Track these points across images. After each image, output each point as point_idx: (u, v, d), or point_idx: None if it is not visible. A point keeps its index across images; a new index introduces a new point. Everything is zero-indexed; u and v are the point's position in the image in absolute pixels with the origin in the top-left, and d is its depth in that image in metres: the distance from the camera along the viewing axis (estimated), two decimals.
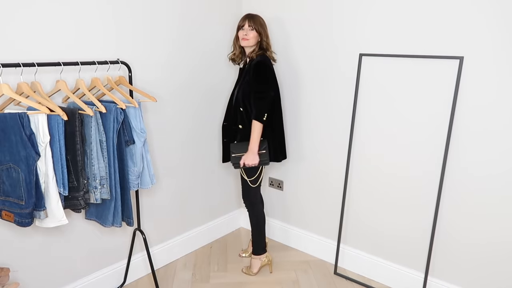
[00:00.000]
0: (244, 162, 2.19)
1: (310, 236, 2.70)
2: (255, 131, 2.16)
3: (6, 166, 1.55)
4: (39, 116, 1.52)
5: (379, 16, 2.11)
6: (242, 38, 2.20)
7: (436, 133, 2.03)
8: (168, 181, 2.47)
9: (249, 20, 2.19)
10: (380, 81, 2.17)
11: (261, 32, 2.21)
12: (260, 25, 2.20)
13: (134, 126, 1.88)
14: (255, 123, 2.14)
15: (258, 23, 2.19)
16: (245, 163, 2.19)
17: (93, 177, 1.74)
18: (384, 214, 2.31)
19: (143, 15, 2.11)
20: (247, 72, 2.21)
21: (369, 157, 2.30)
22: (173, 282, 2.39)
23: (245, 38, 2.19)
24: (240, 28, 2.22)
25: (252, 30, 2.18)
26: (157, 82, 2.25)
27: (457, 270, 2.10)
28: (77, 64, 1.73)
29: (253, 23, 2.18)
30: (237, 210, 3.07)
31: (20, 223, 1.57)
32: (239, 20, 2.24)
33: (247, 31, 2.18)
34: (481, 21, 1.81)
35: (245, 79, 2.22)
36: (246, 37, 2.18)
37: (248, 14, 2.22)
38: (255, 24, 2.18)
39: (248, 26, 2.18)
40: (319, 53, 2.38)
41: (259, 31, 2.20)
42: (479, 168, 1.93)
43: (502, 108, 1.82)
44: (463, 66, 1.88)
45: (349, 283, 2.41)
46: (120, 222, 1.87)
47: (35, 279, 1.91)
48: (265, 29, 2.24)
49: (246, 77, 2.21)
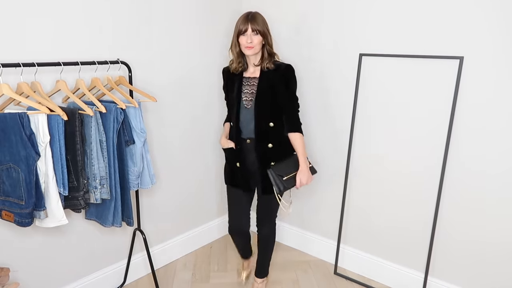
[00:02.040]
0: (301, 183, 1.96)
1: (310, 236, 2.70)
2: (301, 145, 1.96)
3: (6, 166, 1.55)
4: (39, 116, 1.52)
5: (379, 16, 2.11)
6: (247, 46, 1.86)
7: (436, 133, 2.03)
8: (168, 181, 2.47)
9: (251, 22, 1.85)
10: (380, 81, 2.17)
11: (266, 34, 1.89)
12: (263, 26, 1.89)
13: (134, 126, 1.88)
14: (298, 136, 1.95)
15: (261, 24, 1.87)
16: (301, 184, 1.96)
17: (93, 177, 1.74)
18: (384, 214, 2.31)
19: (143, 14, 2.11)
20: (265, 83, 1.92)
21: (369, 157, 2.30)
22: (173, 282, 2.39)
23: (250, 46, 1.86)
24: (241, 33, 1.87)
25: (256, 35, 1.86)
26: (157, 82, 2.25)
27: (457, 270, 2.10)
28: (77, 64, 1.73)
29: (256, 25, 1.85)
30: None
31: (20, 223, 1.57)
32: (237, 21, 1.89)
33: (250, 36, 1.85)
34: (481, 21, 1.81)
35: (263, 91, 1.92)
36: (251, 44, 1.85)
37: (248, 15, 1.88)
38: (259, 25, 1.86)
39: (252, 31, 1.85)
40: (319, 53, 2.38)
41: (264, 34, 1.88)
42: (479, 168, 1.93)
43: (501, 107, 1.82)
44: (463, 66, 1.89)
45: (349, 283, 2.41)
46: (120, 222, 1.87)
47: (35, 279, 1.91)
48: (269, 30, 1.93)
49: (268, 89, 1.92)
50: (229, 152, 2.07)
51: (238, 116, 1.98)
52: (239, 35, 1.89)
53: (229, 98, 2.06)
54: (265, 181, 1.98)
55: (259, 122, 1.94)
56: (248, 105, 1.96)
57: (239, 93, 1.98)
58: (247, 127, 1.97)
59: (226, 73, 2.07)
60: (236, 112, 1.98)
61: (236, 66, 1.97)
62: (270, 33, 1.94)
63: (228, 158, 2.11)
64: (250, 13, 1.89)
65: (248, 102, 1.96)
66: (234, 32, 1.91)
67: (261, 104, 1.93)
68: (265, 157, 1.97)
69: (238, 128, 1.99)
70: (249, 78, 1.98)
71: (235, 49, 1.94)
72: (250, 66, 1.98)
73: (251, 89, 1.96)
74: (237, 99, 1.98)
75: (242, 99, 1.97)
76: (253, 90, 1.95)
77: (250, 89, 1.96)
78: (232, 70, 2.00)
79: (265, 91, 1.93)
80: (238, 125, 1.98)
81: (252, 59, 1.95)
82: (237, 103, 1.97)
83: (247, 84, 1.97)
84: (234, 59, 1.98)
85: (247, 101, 1.96)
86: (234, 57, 1.98)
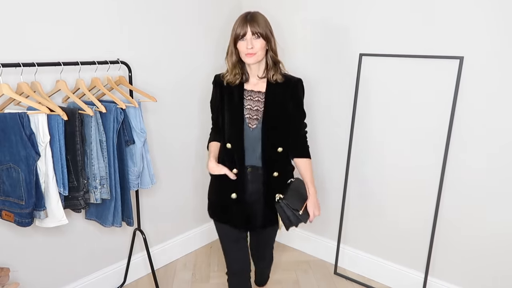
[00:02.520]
0: (314, 215, 1.70)
1: (310, 236, 2.70)
2: (310, 171, 1.72)
3: (6, 166, 1.55)
4: (39, 116, 1.52)
5: (380, 16, 2.11)
6: (247, 53, 1.54)
7: (436, 133, 2.03)
8: (168, 181, 2.47)
9: (251, 24, 1.53)
10: (380, 81, 2.17)
11: (270, 38, 1.58)
12: (266, 27, 1.57)
13: (134, 126, 1.88)
14: (307, 162, 1.73)
15: (263, 25, 1.56)
16: (314, 216, 1.71)
17: (93, 177, 1.74)
18: (384, 214, 2.31)
19: (143, 14, 2.11)
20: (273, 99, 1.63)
21: (369, 157, 2.30)
22: (173, 282, 2.39)
23: (250, 53, 1.54)
24: (239, 38, 1.56)
25: (258, 38, 1.54)
26: (157, 82, 2.25)
27: (457, 270, 2.10)
28: (77, 64, 1.73)
29: (257, 27, 1.53)
30: None
31: (20, 223, 1.57)
32: (234, 24, 1.58)
33: (251, 41, 1.53)
34: (481, 21, 1.81)
35: (272, 109, 1.63)
36: (252, 50, 1.53)
37: (246, 15, 1.56)
38: (260, 27, 1.54)
39: (252, 34, 1.53)
40: (319, 53, 2.38)
41: (267, 37, 1.56)
42: (479, 167, 1.93)
43: (501, 107, 1.82)
44: (463, 66, 1.89)
45: (349, 283, 2.41)
46: (120, 222, 1.87)
47: (35, 279, 1.91)
48: (272, 32, 1.60)
49: (277, 107, 1.63)
50: (222, 180, 1.68)
51: (242, 139, 1.63)
52: (236, 41, 1.57)
53: (227, 115, 1.67)
54: (269, 213, 1.70)
55: (267, 147, 1.64)
56: (252, 125, 1.63)
57: (241, 110, 1.63)
58: (252, 152, 1.65)
59: (219, 84, 1.69)
60: (239, 134, 1.63)
61: (231, 78, 1.63)
62: (274, 37, 1.62)
63: (218, 187, 1.75)
64: (249, 13, 1.58)
65: (253, 121, 1.63)
66: (231, 37, 1.59)
67: (270, 125, 1.62)
68: (270, 187, 1.68)
69: (240, 153, 1.64)
70: (252, 91, 1.65)
71: (231, 59, 1.62)
72: (252, 77, 1.66)
73: (255, 105, 1.63)
74: (239, 117, 1.63)
75: (245, 118, 1.64)
76: (257, 107, 1.63)
77: (254, 106, 1.63)
78: (226, 82, 1.66)
79: (275, 109, 1.63)
80: (241, 150, 1.64)
81: (254, 69, 1.63)
82: (240, 122, 1.63)
83: (249, 99, 1.64)
84: (229, 70, 1.64)
85: (250, 119, 1.63)
86: (229, 68, 1.64)
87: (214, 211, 1.79)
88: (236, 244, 1.80)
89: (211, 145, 1.79)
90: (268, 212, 1.70)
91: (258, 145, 1.64)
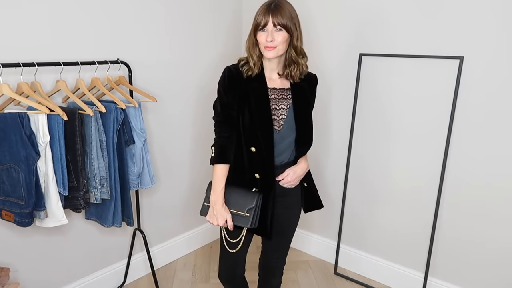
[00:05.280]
0: (287, 180, 1.52)
1: (310, 236, 2.70)
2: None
3: (6, 166, 1.55)
4: (39, 116, 1.52)
5: (380, 16, 2.11)
6: (266, 46, 1.37)
7: (436, 133, 2.03)
8: (168, 181, 2.47)
9: (273, 14, 1.34)
10: (380, 81, 2.17)
11: (293, 31, 1.38)
12: (291, 19, 1.36)
13: (134, 126, 1.88)
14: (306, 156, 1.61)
15: (288, 16, 1.35)
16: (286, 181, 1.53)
17: (93, 177, 1.74)
18: (384, 214, 2.31)
19: (143, 14, 2.11)
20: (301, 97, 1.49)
21: (369, 157, 2.30)
22: (173, 282, 2.39)
23: (270, 46, 1.36)
24: (259, 28, 1.38)
25: (280, 31, 1.36)
26: (157, 82, 2.25)
27: (457, 270, 2.10)
28: (77, 64, 1.73)
29: (281, 18, 1.34)
30: None
31: (20, 223, 1.57)
32: (257, 11, 1.39)
33: (271, 33, 1.35)
34: (481, 21, 1.81)
35: (302, 108, 1.50)
36: (272, 44, 1.36)
37: (271, 3, 1.36)
38: (284, 18, 1.34)
39: (273, 26, 1.35)
40: (319, 53, 2.38)
41: (291, 30, 1.37)
42: (479, 168, 1.93)
43: (501, 107, 1.82)
44: (463, 66, 1.89)
45: (349, 283, 2.41)
46: (120, 222, 1.88)
47: (35, 279, 1.91)
48: (297, 26, 1.41)
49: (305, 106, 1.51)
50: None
51: (271, 141, 1.43)
52: (256, 31, 1.39)
53: (249, 115, 1.43)
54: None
55: (298, 151, 1.51)
56: (278, 127, 1.46)
57: (268, 109, 1.43)
58: (279, 155, 1.48)
59: (237, 80, 1.44)
60: (267, 135, 1.43)
61: (254, 69, 1.43)
62: (300, 31, 1.43)
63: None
64: (274, 1, 1.37)
65: (279, 122, 1.46)
66: (252, 26, 1.41)
67: (302, 125, 1.48)
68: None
69: (270, 157, 1.45)
70: (275, 89, 1.47)
71: (253, 50, 1.43)
72: (272, 73, 1.48)
73: (280, 104, 1.46)
74: (268, 119, 1.43)
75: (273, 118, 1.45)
76: (282, 105, 1.46)
77: (279, 105, 1.46)
78: (247, 76, 1.44)
79: (304, 108, 1.50)
80: (271, 153, 1.44)
81: (273, 65, 1.45)
82: (268, 123, 1.43)
83: (274, 98, 1.46)
84: (255, 62, 1.43)
85: (277, 121, 1.45)
86: (254, 60, 1.43)
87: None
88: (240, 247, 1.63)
89: (219, 170, 1.48)
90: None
91: (287, 149, 1.50)
